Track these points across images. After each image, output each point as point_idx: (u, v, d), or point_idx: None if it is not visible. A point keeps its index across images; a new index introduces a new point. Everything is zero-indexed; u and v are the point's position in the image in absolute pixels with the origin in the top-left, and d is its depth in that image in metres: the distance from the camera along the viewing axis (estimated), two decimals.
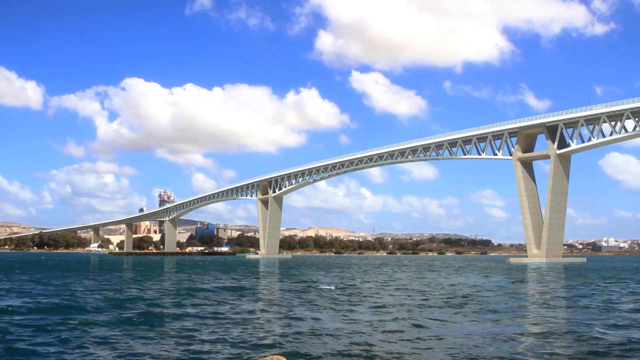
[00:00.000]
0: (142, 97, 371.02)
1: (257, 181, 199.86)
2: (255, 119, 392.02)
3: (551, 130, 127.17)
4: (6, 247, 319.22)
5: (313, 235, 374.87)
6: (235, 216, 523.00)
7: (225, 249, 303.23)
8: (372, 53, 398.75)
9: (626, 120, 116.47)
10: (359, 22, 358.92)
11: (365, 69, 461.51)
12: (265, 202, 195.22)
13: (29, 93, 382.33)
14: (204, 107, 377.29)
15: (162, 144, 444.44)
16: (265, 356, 8.50)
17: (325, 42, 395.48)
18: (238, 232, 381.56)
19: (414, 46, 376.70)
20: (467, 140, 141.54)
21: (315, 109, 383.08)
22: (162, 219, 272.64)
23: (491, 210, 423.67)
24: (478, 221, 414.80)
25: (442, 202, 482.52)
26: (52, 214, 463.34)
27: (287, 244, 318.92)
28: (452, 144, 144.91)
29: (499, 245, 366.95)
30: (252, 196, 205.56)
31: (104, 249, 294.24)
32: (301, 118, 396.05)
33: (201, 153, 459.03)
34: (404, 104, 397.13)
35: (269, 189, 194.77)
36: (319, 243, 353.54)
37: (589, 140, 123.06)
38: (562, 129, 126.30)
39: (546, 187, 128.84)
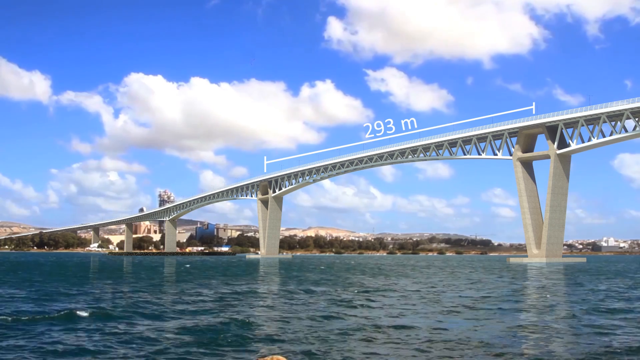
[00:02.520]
0: (153, 93, 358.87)
1: (257, 181, 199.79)
2: (271, 114, 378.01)
3: (551, 130, 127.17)
4: (6, 247, 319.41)
5: (313, 235, 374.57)
6: (241, 216, 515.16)
7: (225, 249, 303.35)
8: (393, 43, 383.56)
9: (626, 120, 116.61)
10: (380, 10, 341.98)
11: (385, 60, 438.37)
12: (265, 202, 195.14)
13: (35, 88, 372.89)
14: (217, 102, 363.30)
15: (173, 141, 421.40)
16: (265, 356, 8.48)
17: (339, 31, 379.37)
18: (238, 232, 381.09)
19: (438, 36, 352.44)
20: (467, 140, 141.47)
21: (334, 103, 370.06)
22: (162, 219, 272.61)
23: (499, 210, 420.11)
24: (485, 221, 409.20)
25: (452, 201, 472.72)
26: (57, 214, 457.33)
27: (287, 244, 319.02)
28: (452, 144, 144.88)
29: (499, 245, 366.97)
30: (252, 196, 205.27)
31: (104, 249, 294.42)
32: (319, 114, 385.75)
33: (214, 150, 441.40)
34: (426, 97, 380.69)
35: (269, 189, 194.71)
36: (319, 243, 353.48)
37: (589, 140, 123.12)
38: (562, 129, 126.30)
39: (546, 187, 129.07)
